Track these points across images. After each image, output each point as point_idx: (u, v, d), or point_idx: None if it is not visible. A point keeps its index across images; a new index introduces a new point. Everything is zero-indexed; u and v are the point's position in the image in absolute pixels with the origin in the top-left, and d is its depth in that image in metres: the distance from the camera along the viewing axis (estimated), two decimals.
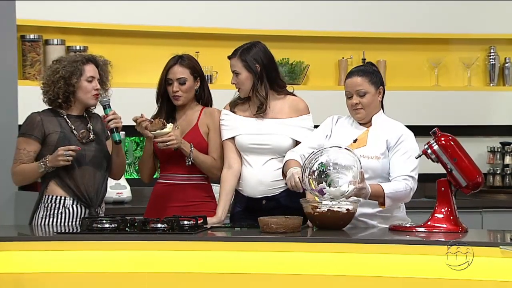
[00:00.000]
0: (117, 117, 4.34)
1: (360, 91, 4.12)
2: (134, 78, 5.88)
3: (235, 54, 4.39)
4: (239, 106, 4.46)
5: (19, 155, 4.32)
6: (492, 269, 3.51)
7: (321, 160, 3.97)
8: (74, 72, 4.30)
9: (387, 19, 6.25)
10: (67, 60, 4.37)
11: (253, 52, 4.37)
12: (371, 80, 4.14)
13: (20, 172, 4.32)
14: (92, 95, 4.34)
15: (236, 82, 4.40)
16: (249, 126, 4.39)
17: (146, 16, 5.88)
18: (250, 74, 4.36)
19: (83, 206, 4.33)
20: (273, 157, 4.36)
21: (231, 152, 4.42)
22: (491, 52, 6.44)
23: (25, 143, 4.31)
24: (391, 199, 4.02)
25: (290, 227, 3.85)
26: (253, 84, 4.36)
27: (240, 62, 4.36)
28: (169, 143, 4.33)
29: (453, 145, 3.97)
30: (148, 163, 4.51)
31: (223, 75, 5.82)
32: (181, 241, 3.76)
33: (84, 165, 4.33)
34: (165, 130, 4.33)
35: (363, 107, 4.14)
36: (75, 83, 4.29)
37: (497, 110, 6.40)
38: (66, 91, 4.31)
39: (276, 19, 6.07)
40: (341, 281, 3.62)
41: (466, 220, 4.01)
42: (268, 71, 4.37)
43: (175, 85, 4.46)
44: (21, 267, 3.75)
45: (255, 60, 4.36)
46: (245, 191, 4.41)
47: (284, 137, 4.36)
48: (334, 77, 6.31)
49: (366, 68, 4.19)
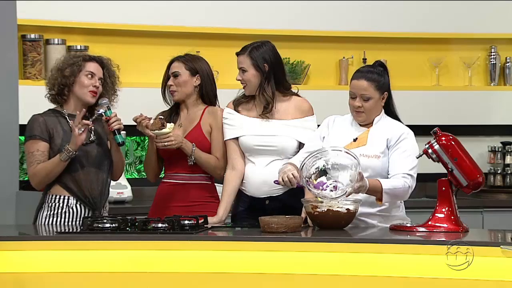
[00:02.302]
0: (119, 119, 4.34)
1: (364, 95, 4.11)
2: (134, 78, 5.88)
3: (245, 51, 4.37)
4: (243, 105, 4.44)
5: (33, 157, 4.27)
6: (493, 269, 3.51)
7: (319, 163, 3.96)
8: (71, 64, 4.30)
9: (388, 19, 6.25)
10: (70, 55, 4.41)
11: (262, 50, 4.36)
12: (378, 86, 4.11)
13: (41, 171, 4.25)
14: (89, 91, 4.33)
15: (242, 79, 4.38)
16: (254, 126, 4.38)
17: (147, 15, 5.88)
18: (258, 73, 4.35)
19: (87, 207, 4.33)
20: (278, 158, 4.35)
21: (234, 153, 4.41)
22: (492, 52, 6.44)
23: (36, 144, 4.28)
24: (389, 195, 4.01)
25: (291, 226, 3.85)
26: (260, 83, 4.35)
27: (249, 60, 4.35)
28: (167, 144, 4.33)
29: (454, 145, 3.97)
30: (152, 162, 4.51)
31: (224, 75, 5.82)
32: (182, 240, 3.76)
33: (87, 167, 4.32)
34: (164, 131, 4.32)
35: (365, 111, 4.13)
36: (69, 75, 4.28)
37: (498, 109, 6.40)
38: (61, 84, 4.30)
39: (277, 19, 6.07)
40: (341, 281, 3.62)
41: (467, 220, 4.01)
42: (275, 71, 4.36)
43: (170, 79, 4.47)
44: (22, 267, 3.75)
45: (264, 59, 4.35)
46: (248, 191, 4.41)
47: (289, 139, 4.35)
48: (335, 76, 6.31)
49: (374, 71, 4.14)
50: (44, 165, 4.26)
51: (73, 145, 4.21)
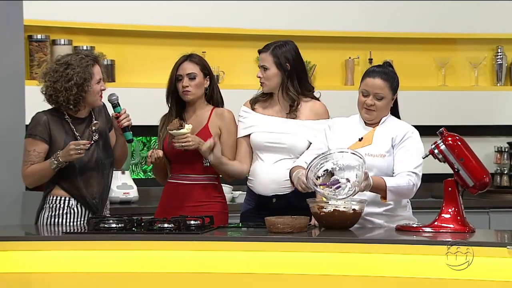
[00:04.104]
0: (128, 115, 4.34)
1: (378, 94, 4.11)
2: (140, 78, 5.89)
3: (267, 49, 4.38)
4: (260, 103, 4.45)
5: (28, 157, 4.29)
6: (500, 269, 3.51)
7: (327, 166, 3.96)
8: (87, 78, 4.26)
9: (394, 19, 6.24)
10: (76, 64, 4.28)
11: (285, 49, 4.37)
12: (391, 86, 4.12)
13: (31, 173, 4.28)
14: (99, 96, 4.34)
15: (262, 77, 4.38)
16: (267, 124, 4.39)
17: (152, 16, 5.88)
18: (279, 71, 4.35)
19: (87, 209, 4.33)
20: (287, 157, 4.36)
21: (244, 151, 4.43)
22: (498, 52, 6.43)
23: (34, 144, 4.28)
24: (393, 193, 4.01)
25: (297, 227, 3.85)
26: (281, 82, 4.35)
27: (272, 58, 4.35)
28: (184, 144, 4.33)
29: (460, 145, 3.96)
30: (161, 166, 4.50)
31: (229, 75, 5.82)
32: (188, 241, 3.76)
33: (88, 171, 4.31)
34: (182, 131, 4.33)
35: (376, 110, 4.13)
36: (87, 89, 4.27)
37: (504, 110, 6.39)
38: (78, 97, 4.27)
39: (283, 19, 6.06)
40: (345, 281, 3.62)
41: (473, 220, 4.01)
42: (297, 70, 4.36)
43: (185, 80, 4.44)
44: (28, 266, 3.75)
45: (286, 58, 4.35)
46: (256, 189, 4.41)
47: (301, 138, 4.35)
48: (341, 77, 6.31)
49: (388, 71, 4.15)
50: (35, 168, 4.25)
51: (64, 158, 4.19)
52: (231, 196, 5.64)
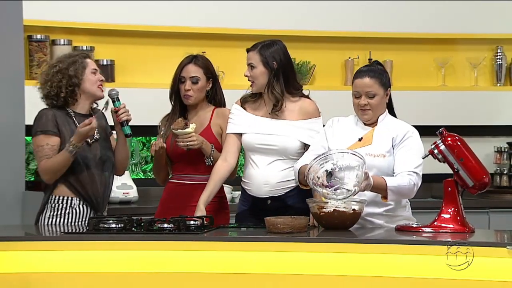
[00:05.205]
0: (127, 110, 4.35)
1: (369, 92, 4.11)
2: (140, 78, 5.89)
3: (255, 48, 4.38)
4: (249, 104, 4.44)
5: (43, 152, 4.27)
6: (499, 269, 3.51)
7: (327, 166, 3.96)
8: (73, 63, 4.32)
9: (393, 19, 6.24)
10: (64, 56, 4.42)
11: (273, 49, 4.36)
12: (381, 82, 4.13)
13: (50, 166, 4.25)
14: (97, 87, 4.36)
15: (250, 75, 4.38)
16: (258, 125, 4.38)
17: (152, 16, 5.88)
18: (266, 70, 4.35)
19: (89, 207, 4.34)
20: (279, 158, 4.35)
21: (231, 146, 4.40)
22: (498, 52, 6.43)
23: (46, 138, 4.28)
24: (394, 193, 4.01)
25: (296, 227, 3.85)
26: (268, 82, 4.35)
27: (258, 56, 4.35)
28: (189, 144, 4.34)
29: (460, 145, 3.97)
30: (162, 165, 4.51)
31: (229, 75, 5.82)
32: (188, 241, 3.76)
33: (91, 168, 4.32)
34: (187, 130, 4.34)
35: (371, 109, 4.14)
36: (80, 77, 4.30)
37: (504, 110, 6.39)
38: (69, 84, 4.30)
39: (283, 19, 6.07)
40: (345, 281, 3.62)
41: (473, 220, 4.01)
42: (284, 70, 4.36)
43: (187, 83, 4.45)
44: (28, 267, 3.75)
45: (273, 57, 4.35)
46: (251, 191, 4.41)
47: (291, 139, 4.35)
48: (341, 77, 6.31)
49: (375, 69, 4.17)
50: (53, 160, 4.25)
51: (78, 139, 4.19)
52: (230, 196, 5.64)
